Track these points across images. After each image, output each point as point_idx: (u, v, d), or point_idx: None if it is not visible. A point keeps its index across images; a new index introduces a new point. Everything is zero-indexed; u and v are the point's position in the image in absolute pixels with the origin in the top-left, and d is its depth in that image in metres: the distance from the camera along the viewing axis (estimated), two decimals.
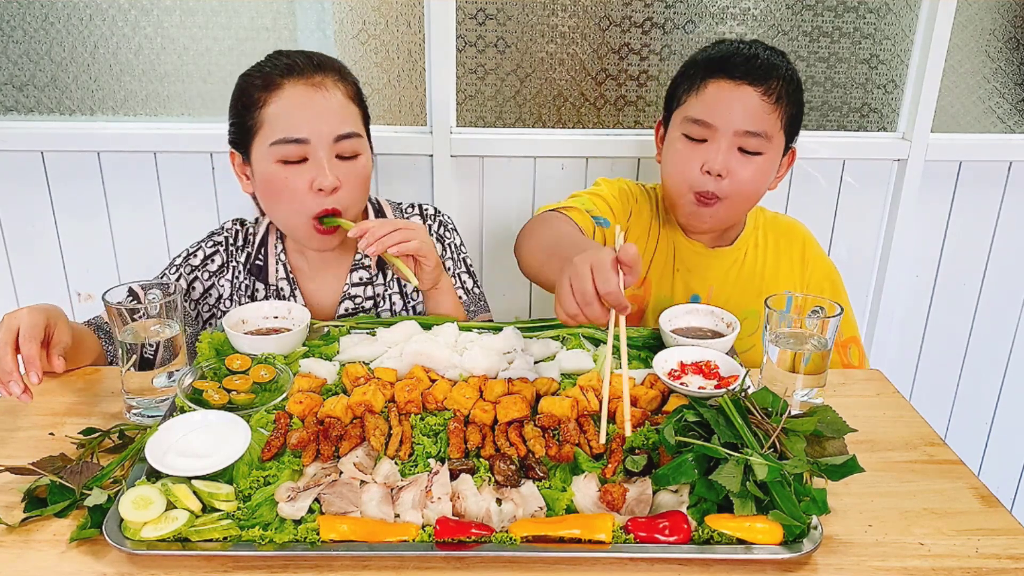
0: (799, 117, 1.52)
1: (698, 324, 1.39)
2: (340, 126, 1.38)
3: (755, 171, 1.47)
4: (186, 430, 1.07)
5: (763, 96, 1.43)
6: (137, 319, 1.16)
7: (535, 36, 1.94)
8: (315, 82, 1.37)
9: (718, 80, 1.45)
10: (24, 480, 1.02)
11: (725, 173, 1.45)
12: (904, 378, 2.31)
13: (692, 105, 1.48)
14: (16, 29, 1.86)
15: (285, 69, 1.38)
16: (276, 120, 1.36)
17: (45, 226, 2.00)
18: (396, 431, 1.09)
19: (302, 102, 1.36)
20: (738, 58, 1.45)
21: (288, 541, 0.92)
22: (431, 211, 1.64)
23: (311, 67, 1.39)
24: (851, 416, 1.08)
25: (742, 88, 1.43)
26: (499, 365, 1.25)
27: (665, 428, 1.02)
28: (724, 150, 1.44)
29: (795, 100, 1.48)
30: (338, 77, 1.41)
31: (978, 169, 2.10)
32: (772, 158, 1.48)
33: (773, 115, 1.44)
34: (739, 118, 1.43)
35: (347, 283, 1.54)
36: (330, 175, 1.36)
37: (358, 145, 1.41)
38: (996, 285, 2.22)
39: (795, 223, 1.72)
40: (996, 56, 2.04)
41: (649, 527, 0.94)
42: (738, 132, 1.44)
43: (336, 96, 1.39)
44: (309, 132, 1.36)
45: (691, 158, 1.47)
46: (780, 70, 1.45)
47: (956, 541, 0.98)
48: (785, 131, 1.49)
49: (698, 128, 1.46)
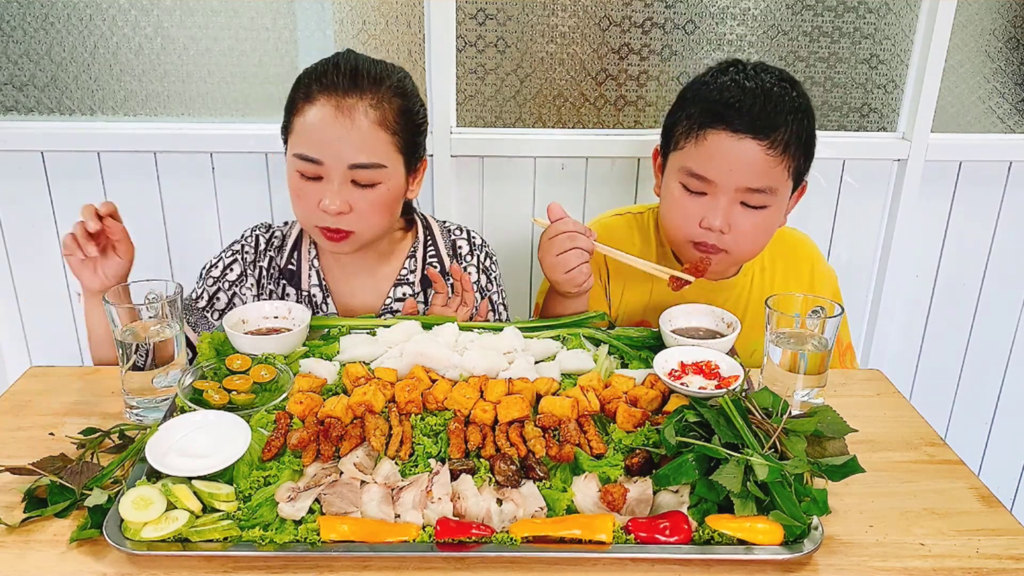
0: (810, 155, 1.41)
1: (698, 324, 1.39)
2: (357, 155, 1.34)
3: (759, 224, 1.39)
4: (186, 430, 1.06)
5: (768, 150, 1.33)
6: (137, 319, 1.16)
7: (535, 36, 1.94)
8: (345, 105, 1.33)
9: (718, 131, 1.34)
10: (24, 480, 1.02)
11: (726, 229, 1.37)
12: (904, 378, 2.31)
13: (690, 154, 1.38)
14: (16, 29, 1.86)
15: (325, 83, 1.35)
16: (301, 133, 1.36)
17: (45, 226, 2.00)
18: (396, 431, 1.09)
19: (325, 123, 1.33)
20: (742, 106, 1.33)
21: (288, 541, 0.92)
22: (478, 241, 1.61)
23: (348, 86, 1.34)
24: (851, 416, 1.08)
25: (744, 142, 1.33)
26: (499, 365, 1.25)
27: (666, 428, 1.02)
28: (724, 205, 1.36)
29: (804, 141, 1.38)
30: (375, 101, 1.35)
31: (978, 169, 2.10)
32: (778, 208, 1.40)
33: (778, 167, 1.35)
34: (741, 175, 1.34)
35: (390, 297, 1.53)
36: (337, 200, 1.35)
37: (377, 175, 1.37)
38: (996, 285, 2.22)
39: (802, 240, 1.65)
40: (996, 56, 2.04)
41: (650, 527, 0.94)
42: (740, 188, 1.35)
43: (362, 123, 1.34)
44: (325, 155, 1.34)
45: (690, 211, 1.39)
46: (787, 113, 1.34)
47: (956, 541, 0.98)
48: (793, 177, 1.39)
49: (697, 182, 1.38)
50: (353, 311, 1.54)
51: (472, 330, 1.37)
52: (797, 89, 1.39)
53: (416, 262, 1.55)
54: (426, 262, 1.55)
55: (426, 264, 1.55)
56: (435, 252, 1.57)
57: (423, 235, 1.58)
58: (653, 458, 1.05)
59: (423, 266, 1.55)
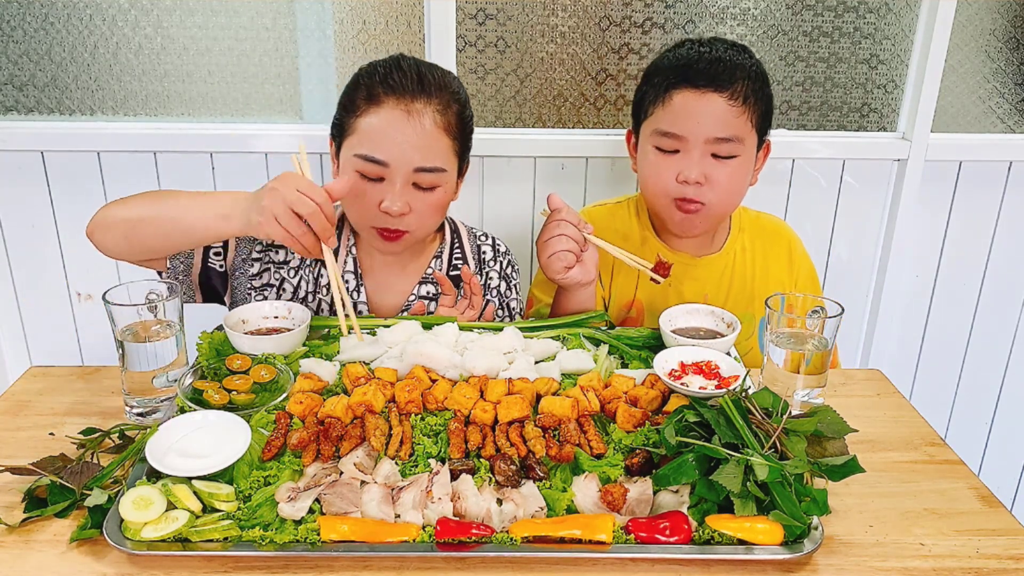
0: (769, 111, 1.51)
1: (698, 324, 1.39)
2: (423, 159, 1.36)
3: (732, 173, 1.47)
4: (186, 430, 1.07)
5: (729, 100, 1.42)
6: (137, 319, 1.16)
7: (535, 36, 1.94)
8: (414, 108, 1.35)
9: (682, 90, 1.44)
10: (24, 480, 1.02)
11: (703, 180, 1.45)
12: (904, 378, 2.31)
13: (660, 117, 1.47)
14: (16, 29, 1.86)
15: (391, 85, 1.35)
16: (366, 134, 1.36)
17: (45, 226, 2.00)
18: (396, 431, 1.09)
19: (393, 126, 1.34)
20: (701, 64, 1.43)
21: (288, 541, 0.92)
22: (503, 248, 1.64)
23: (417, 89, 1.36)
24: (851, 416, 1.08)
25: (707, 96, 1.42)
26: (499, 365, 1.25)
27: (666, 428, 1.02)
28: (697, 159, 1.44)
29: (763, 96, 1.48)
30: (441, 106, 1.37)
31: (978, 169, 2.10)
32: (747, 158, 1.48)
33: (742, 117, 1.44)
34: (708, 126, 1.43)
35: (414, 294, 1.54)
36: (400, 201, 1.36)
37: (438, 179, 1.39)
38: (996, 285, 2.22)
39: (780, 223, 1.72)
40: (996, 56, 2.04)
41: (650, 527, 0.94)
42: (709, 140, 1.43)
43: (428, 127, 1.35)
44: (391, 157, 1.35)
45: (666, 169, 1.47)
46: (744, 70, 1.44)
47: (956, 541, 0.98)
48: (756, 128, 1.48)
49: (668, 140, 1.46)
50: (380, 304, 1.55)
51: (472, 330, 1.38)
52: (749, 54, 1.50)
53: (442, 262, 1.57)
54: (451, 264, 1.57)
55: (451, 266, 1.57)
56: (461, 254, 1.59)
57: (450, 237, 1.60)
58: (653, 458, 1.05)
59: (448, 267, 1.57)
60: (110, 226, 1.36)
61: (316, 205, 1.20)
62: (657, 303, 1.59)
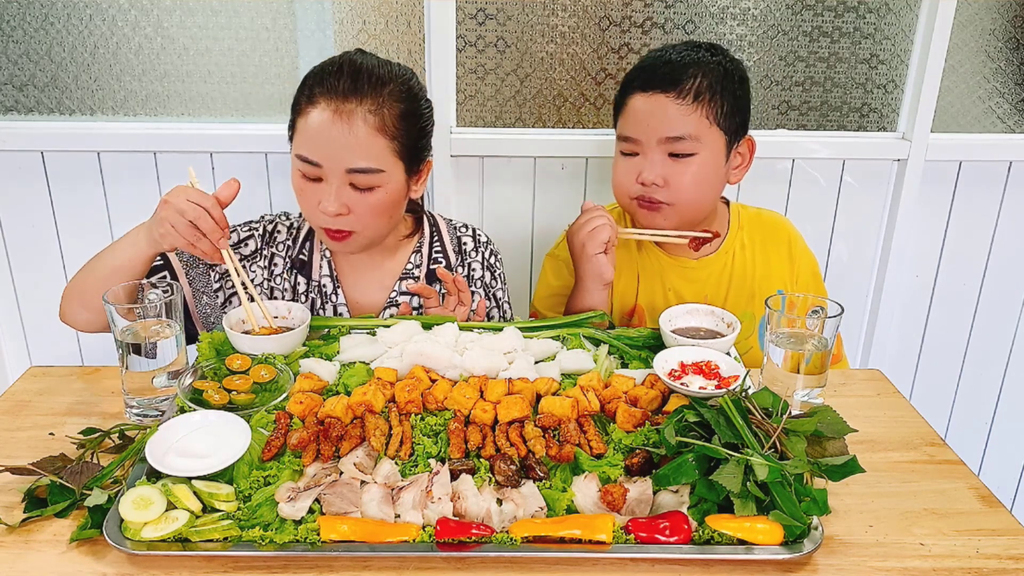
0: (740, 106, 1.50)
1: (698, 324, 1.39)
2: (354, 160, 1.35)
3: (695, 172, 1.48)
4: (186, 430, 1.07)
5: (677, 99, 1.44)
6: (137, 319, 1.16)
7: (535, 36, 1.94)
8: (344, 109, 1.33)
9: (635, 94, 1.49)
10: (24, 480, 1.02)
11: (662, 182, 1.48)
12: (904, 378, 2.31)
13: (620, 124, 1.54)
14: (16, 29, 1.86)
15: (326, 86, 1.35)
16: (304, 135, 1.36)
17: (45, 226, 2.00)
18: (396, 431, 1.09)
19: (324, 127, 1.34)
20: (651, 68, 1.48)
21: (288, 541, 0.92)
22: (483, 238, 1.64)
23: (348, 90, 1.34)
24: (851, 416, 1.08)
25: (655, 97, 1.46)
26: (499, 365, 1.25)
27: (666, 428, 1.02)
28: (656, 161, 1.48)
29: (726, 92, 1.46)
30: (374, 106, 1.34)
31: (978, 169, 2.10)
32: (710, 155, 1.48)
33: (694, 115, 1.44)
34: (657, 127, 1.46)
35: (395, 291, 1.54)
36: (336, 202, 1.36)
37: (375, 179, 1.37)
38: (996, 285, 2.22)
39: (780, 219, 1.72)
40: (996, 56, 2.04)
41: (650, 527, 0.94)
42: (661, 140, 1.46)
43: (360, 129, 1.33)
44: (323, 158, 1.35)
45: (627, 171, 1.52)
46: (699, 67, 1.45)
47: (956, 541, 0.98)
48: (722, 124, 1.47)
49: (628, 144, 1.52)
50: (360, 303, 1.55)
51: (472, 330, 1.38)
52: (718, 52, 1.51)
53: (422, 257, 1.56)
54: (431, 258, 1.57)
55: (431, 260, 1.57)
56: (441, 248, 1.58)
57: (429, 232, 1.59)
58: (653, 458, 1.05)
59: (428, 262, 1.56)
60: (69, 301, 1.43)
61: (203, 209, 1.26)
62: (658, 308, 1.59)
